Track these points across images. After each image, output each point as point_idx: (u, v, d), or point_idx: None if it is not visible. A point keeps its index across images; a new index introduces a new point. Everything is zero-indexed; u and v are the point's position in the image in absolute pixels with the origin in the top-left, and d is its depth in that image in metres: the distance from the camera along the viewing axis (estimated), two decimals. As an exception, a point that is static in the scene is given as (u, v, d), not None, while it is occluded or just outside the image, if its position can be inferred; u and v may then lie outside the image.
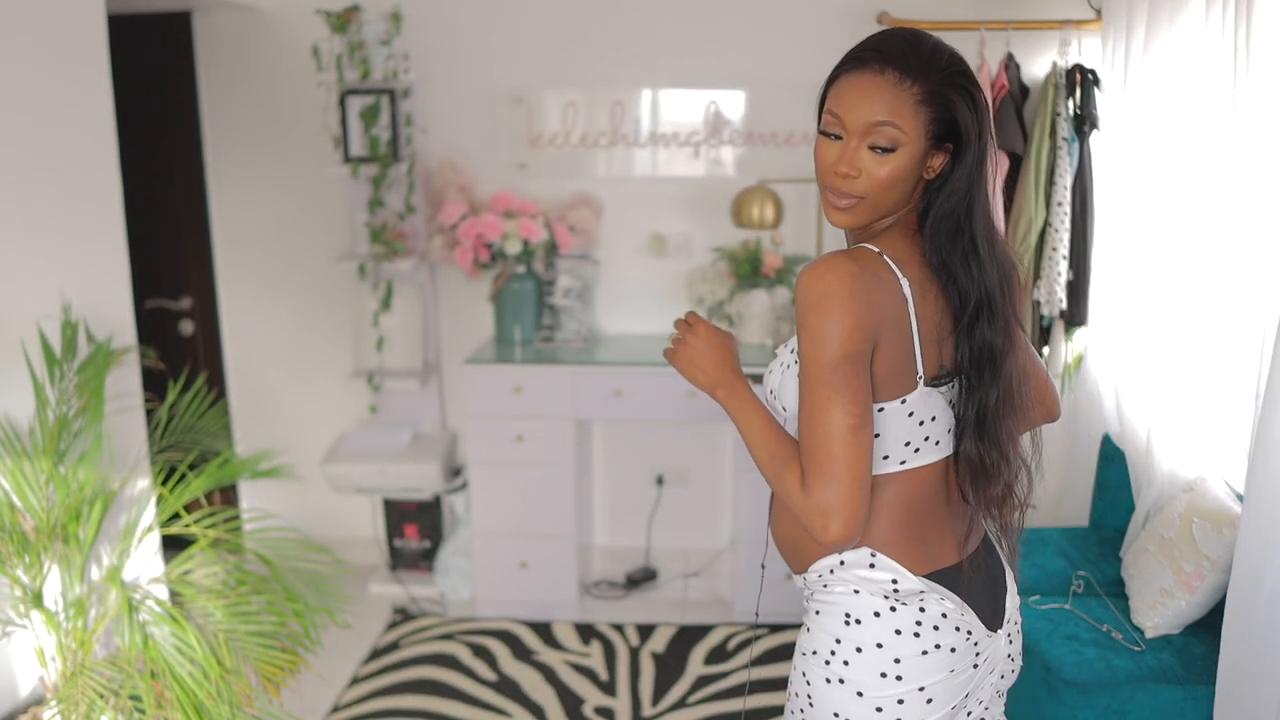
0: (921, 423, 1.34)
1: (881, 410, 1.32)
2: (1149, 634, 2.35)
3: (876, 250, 1.31)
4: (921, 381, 1.32)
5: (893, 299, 1.28)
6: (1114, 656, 2.27)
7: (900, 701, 1.34)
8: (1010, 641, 1.46)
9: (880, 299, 1.26)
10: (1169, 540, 2.39)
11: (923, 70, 1.26)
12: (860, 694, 1.35)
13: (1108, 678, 2.19)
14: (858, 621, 1.36)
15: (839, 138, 1.30)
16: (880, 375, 1.29)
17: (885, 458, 1.35)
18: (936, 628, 1.35)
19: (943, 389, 1.35)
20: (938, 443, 1.37)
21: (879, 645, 1.34)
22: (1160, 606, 2.35)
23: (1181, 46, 2.54)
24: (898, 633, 1.34)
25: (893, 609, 1.35)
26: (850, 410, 1.23)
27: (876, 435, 1.33)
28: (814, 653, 1.39)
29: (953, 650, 1.35)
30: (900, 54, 1.27)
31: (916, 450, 1.36)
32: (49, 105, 2.41)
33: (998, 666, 1.44)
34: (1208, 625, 2.32)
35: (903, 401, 1.32)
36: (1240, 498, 2.18)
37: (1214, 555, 2.26)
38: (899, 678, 1.34)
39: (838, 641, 1.37)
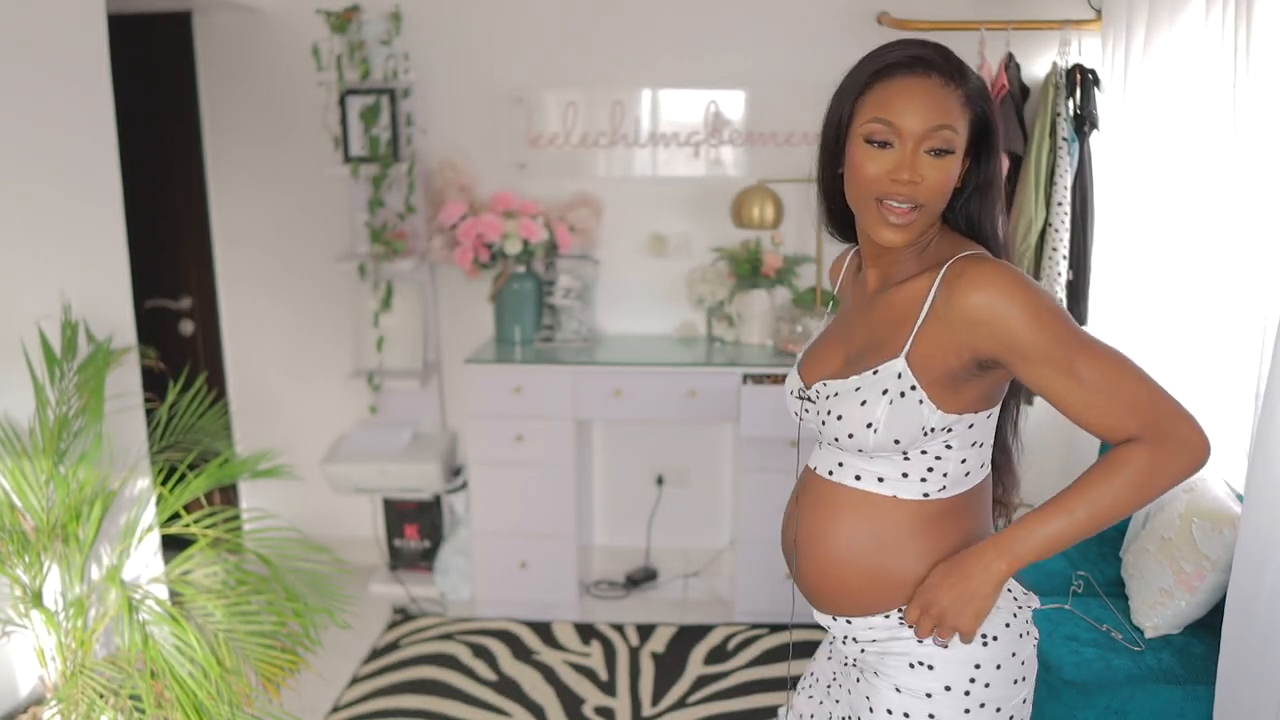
0: (998, 426, 1.38)
1: (989, 416, 1.32)
2: (1149, 634, 2.35)
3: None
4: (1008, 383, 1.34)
5: None
6: (1114, 656, 2.26)
7: (1024, 701, 1.34)
8: None
9: None
10: (1169, 540, 2.39)
11: (959, 75, 1.26)
12: (999, 710, 1.32)
13: (1107, 678, 2.19)
14: (994, 638, 1.31)
15: (886, 145, 1.25)
16: (1000, 378, 1.29)
17: (982, 465, 1.35)
18: (1029, 619, 1.36)
19: None
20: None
21: (1013, 654, 1.32)
22: (1160, 606, 2.34)
23: (1181, 47, 2.54)
24: (1020, 636, 1.33)
25: (1014, 614, 1.33)
26: (1118, 353, 1.19)
27: (980, 445, 1.33)
28: (946, 689, 1.30)
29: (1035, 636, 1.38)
30: (938, 61, 1.25)
31: (991, 454, 1.39)
32: (49, 105, 2.41)
33: None
34: (1208, 625, 2.31)
35: (1001, 406, 1.36)
36: (1240, 498, 2.18)
37: (1214, 555, 2.26)
38: (1024, 679, 1.34)
39: (977, 667, 1.30)
